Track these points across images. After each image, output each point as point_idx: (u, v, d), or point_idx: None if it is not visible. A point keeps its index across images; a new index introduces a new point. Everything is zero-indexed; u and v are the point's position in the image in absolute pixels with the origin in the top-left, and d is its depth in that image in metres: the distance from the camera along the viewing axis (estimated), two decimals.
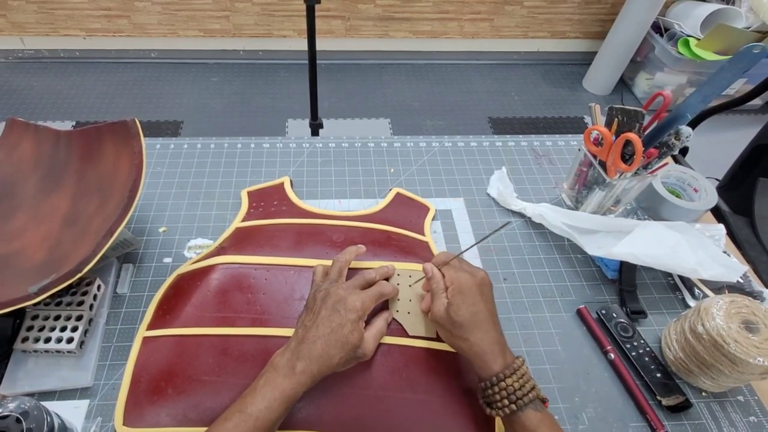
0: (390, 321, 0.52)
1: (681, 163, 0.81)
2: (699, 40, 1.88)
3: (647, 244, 0.58)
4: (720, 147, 1.58)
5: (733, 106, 1.18)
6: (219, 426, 0.41)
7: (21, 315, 0.53)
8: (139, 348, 0.53)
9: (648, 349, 0.56)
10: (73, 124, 1.90)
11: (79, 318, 0.53)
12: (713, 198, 0.67)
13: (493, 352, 0.44)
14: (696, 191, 0.69)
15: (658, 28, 2.04)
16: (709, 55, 1.86)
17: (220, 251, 0.61)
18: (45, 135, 0.65)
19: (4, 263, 0.55)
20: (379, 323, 0.50)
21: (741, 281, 0.62)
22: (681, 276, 0.64)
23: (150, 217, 0.68)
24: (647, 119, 0.60)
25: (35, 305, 0.51)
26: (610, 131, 0.61)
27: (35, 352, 0.52)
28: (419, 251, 0.62)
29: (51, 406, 0.44)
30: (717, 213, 0.95)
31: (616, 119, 0.61)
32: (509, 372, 0.43)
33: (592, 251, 0.61)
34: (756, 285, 0.62)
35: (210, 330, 0.53)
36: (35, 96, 2.02)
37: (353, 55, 2.29)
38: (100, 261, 0.50)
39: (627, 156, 0.60)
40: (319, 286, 0.51)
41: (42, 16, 2.03)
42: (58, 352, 0.52)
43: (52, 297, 0.52)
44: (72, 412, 0.50)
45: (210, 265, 0.58)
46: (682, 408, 0.52)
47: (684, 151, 1.18)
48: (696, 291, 0.62)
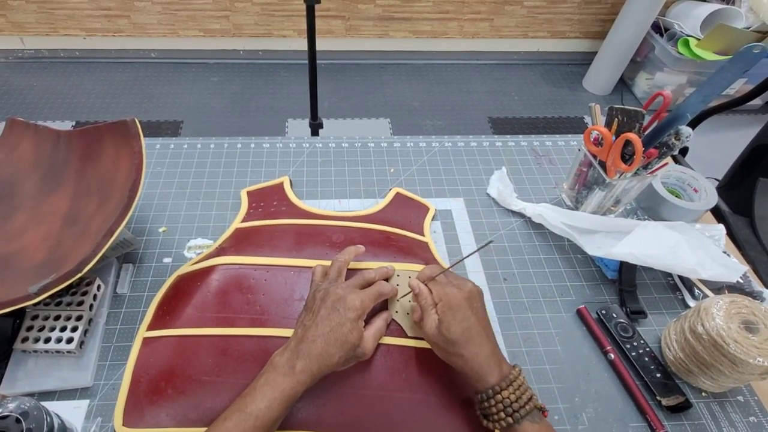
0: (389, 321, 0.53)
1: (681, 163, 0.81)
2: (699, 40, 1.88)
3: (647, 244, 0.58)
4: (720, 147, 1.58)
5: (733, 106, 1.18)
6: (219, 425, 0.41)
7: (21, 315, 0.53)
8: (139, 348, 0.53)
9: (648, 350, 0.56)
10: (73, 124, 1.90)
11: (79, 318, 0.53)
12: (713, 198, 0.67)
13: (489, 364, 0.44)
14: (696, 191, 0.69)
15: (658, 28, 2.04)
16: (709, 55, 1.86)
17: (220, 252, 0.61)
18: (45, 135, 0.65)
19: (4, 263, 0.55)
20: (379, 323, 0.50)
21: (741, 281, 0.62)
22: (681, 276, 0.64)
23: (150, 217, 0.68)
24: (647, 119, 0.60)
25: (35, 305, 0.51)
26: (610, 131, 0.61)
27: (35, 352, 0.52)
28: (418, 252, 0.62)
29: (51, 406, 0.44)
30: (717, 213, 0.95)
31: (616, 119, 0.61)
32: (505, 384, 0.43)
33: (591, 251, 0.61)
34: (756, 285, 0.62)
35: (210, 330, 0.53)
36: (35, 96, 2.02)
37: (353, 55, 2.29)
38: (100, 261, 0.50)
39: (627, 156, 0.60)
40: (319, 285, 0.51)
41: (42, 15, 2.03)
42: (57, 352, 0.52)
43: (52, 297, 0.52)
44: (72, 412, 0.49)
45: (210, 266, 0.58)
46: (681, 408, 0.52)
47: (684, 151, 1.18)
48: (696, 291, 0.62)
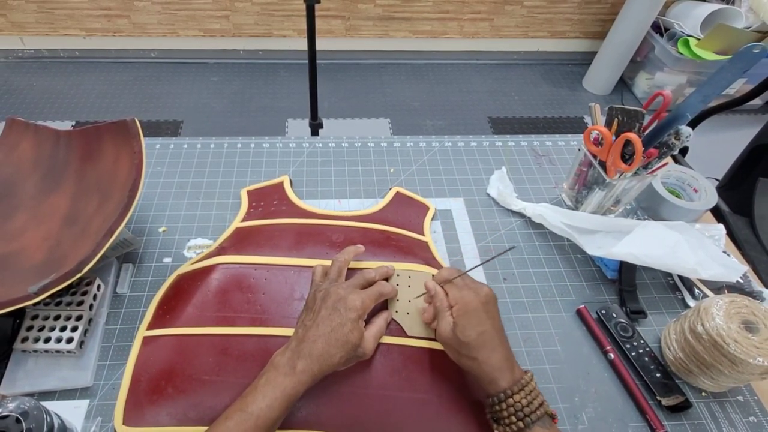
0: (389, 321, 0.53)
1: (681, 163, 0.81)
2: (699, 40, 1.88)
3: (647, 244, 0.58)
4: (720, 147, 1.58)
5: (733, 106, 1.18)
6: (220, 425, 0.41)
7: (21, 315, 0.53)
8: (139, 348, 0.53)
9: (648, 349, 0.56)
10: (73, 123, 1.90)
11: (79, 318, 0.53)
12: (713, 198, 0.67)
13: (501, 369, 0.44)
14: (696, 191, 0.69)
15: (658, 27, 2.04)
16: (709, 55, 1.86)
17: (220, 251, 0.61)
18: (45, 135, 0.65)
19: (3, 263, 0.55)
20: (379, 322, 0.50)
21: (741, 281, 0.62)
22: (681, 276, 0.64)
23: (150, 217, 0.68)
24: (647, 119, 0.60)
25: (35, 305, 0.51)
26: (610, 131, 0.61)
27: (35, 352, 0.52)
28: (418, 251, 0.62)
29: (51, 406, 0.44)
30: (717, 213, 0.95)
31: (616, 119, 0.61)
32: (517, 388, 0.42)
33: (591, 251, 0.61)
34: (756, 285, 0.62)
35: (210, 329, 0.53)
36: (35, 96, 2.02)
37: (353, 55, 2.29)
38: (99, 261, 0.50)
39: (627, 156, 0.60)
40: (319, 285, 0.51)
41: (42, 15, 2.03)
42: (57, 352, 0.51)
43: (51, 297, 0.52)
44: (72, 412, 0.49)
45: (210, 265, 0.58)
46: (681, 408, 0.52)
47: (684, 151, 1.18)
48: (696, 291, 0.62)
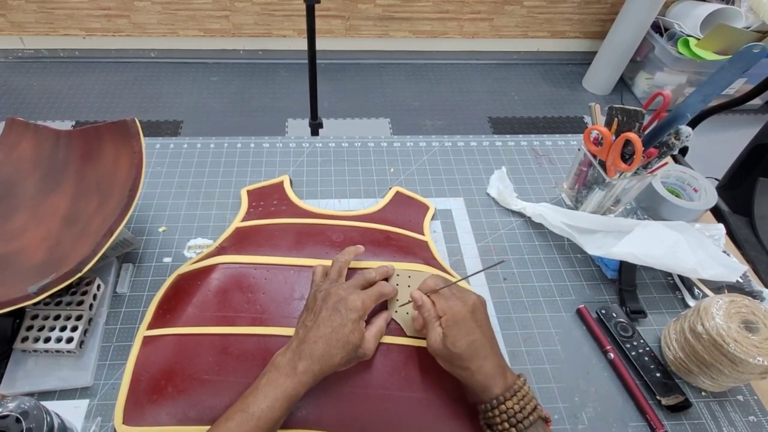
0: (389, 321, 0.53)
1: (681, 163, 0.81)
2: (699, 39, 1.88)
3: (647, 243, 0.58)
4: (720, 147, 1.58)
5: (733, 105, 1.17)
6: (221, 425, 0.41)
7: (21, 315, 0.53)
8: (140, 347, 0.53)
9: (647, 349, 0.56)
10: (73, 123, 1.90)
11: (79, 318, 0.53)
12: (713, 198, 0.67)
13: (494, 376, 0.44)
14: (696, 191, 0.69)
15: (657, 27, 2.04)
16: (709, 55, 1.86)
17: (220, 251, 0.61)
18: (45, 135, 0.65)
19: (3, 263, 0.55)
20: (380, 323, 0.51)
21: (740, 281, 0.62)
22: (681, 276, 0.64)
23: (150, 217, 0.68)
24: (647, 119, 0.60)
25: (35, 305, 0.51)
26: (609, 131, 0.61)
27: (35, 351, 0.52)
28: (418, 251, 0.62)
29: (51, 405, 0.44)
30: (717, 213, 0.95)
31: (615, 119, 0.61)
32: (509, 394, 0.43)
33: (591, 251, 0.61)
34: (755, 285, 0.62)
35: (210, 329, 0.53)
36: (35, 95, 2.02)
37: (353, 55, 2.29)
38: (99, 261, 0.50)
39: (627, 156, 0.60)
40: (319, 286, 0.51)
41: (41, 15, 2.03)
42: (57, 351, 0.51)
43: (51, 297, 0.52)
44: (72, 411, 0.49)
45: (210, 265, 0.58)
46: (681, 408, 0.52)
47: (684, 151, 1.18)
48: (696, 291, 0.62)
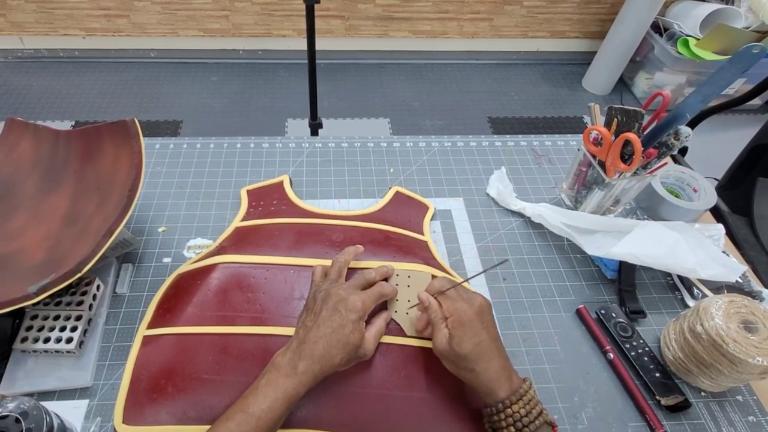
0: (389, 321, 0.53)
1: (680, 163, 0.81)
2: (698, 39, 1.88)
3: (646, 243, 0.58)
4: (719, 147, 1.58)
5: (733, 106, 1.17)
6: (221, 425, 0.41)
7: (20, 315, 0.53)
8: (140, 347, 0.53)
9: (647, 349, 0.56)
10: (73, 123, 1.90)
11: (79, 318, 0.53)
12: (712, 198, 0.67)
13: (499, 379, 0.43)
14: (695, 191, 0.69)
15: (657, 27, 2.04)
16: (709, 55, 1.86)
17: (219, 250, 0.61)
18: (44, 135, 0.65)
19: (3, 263, 0.55)
20: (379, 323, 0.51)
21: (740, 281, 0.62)
22: (680, 276, 0.64)
23: (149, 217, 0.68)
24: (646, 119, 0.60)
25: (35, 305, 0.51)
26: (609, 131, 0.61)
27: (35, 352, 0.52)
28: (418, 251, 0.62)
29: (50, 406, 0.44)
30: (716, 213, 0.95)
31: (615, 119, 0.61)
32: (515, 398, 0.42)
33: (591, 251, 0.61)
34: (755, 285, 0.62)
35: (210, 329, 0.53)
36: (34, 95, 2.02)
37: (353, 55, 2.29)
38: (99, 261, 0.50)
39: (626, 156, 0.60)
40: (319, 286, 0.51)
41: (41, 15, 2.03)
42: (57, 352, 0.51)
43: (51, 297, 0.52)
44: (71, 412, 0.49)
45: (210, 265, 0.58)
46: (681, 408, 0.52)
47: (683, 151, 1.18)
48: (695, 291, 0.62)
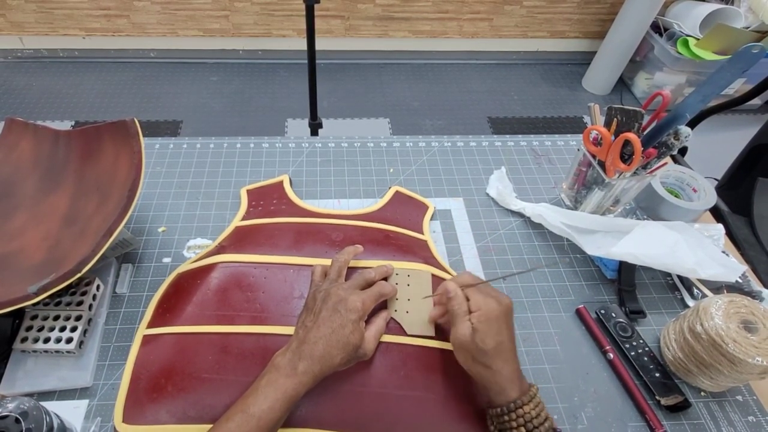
0: (389, 320, 0.53)
1: (680, 163, 0.81)
2: (698, 39, 1.88)
3: (646, 243, 0.58)
4: (719, 147, 1.58)
5: (732, 105, 1.17)
6: (221, 426, 0.41)
7: (20, 315, 0.53)
8: (139, 346, 0.53)
9: (647, 349, 0.56)
10: (73, 123, 1.90)
11: (79, 318, 0.53)
12: (712, 198, 0.67)
13: (512, 380, 0.44)
14: (695, 191, 0.69)
15: (657, 27, 2.04)
16: (709, 55, 1.86)
17: (219, 250, 0.61)
18: (44, 135, 0.65)
19: (3, 263, 0.55)
20: (379, 322, 0.51)
21: (740, 281, 0.62)
22: (680, 276, 0.64)
23: (149, 217, 0.68)
24: (646, 119, 0.60)
25: (34, 305, 0.51)
26: (609, 131, 0.61)
27: (34, 352, 0.52)
28: (417, 250, 0.62)
29: (50, 406, 0.44)
30: (716, 213, 0.95)
31: (615, 119, 0.61)
32: (527, 399, 0.43)
33: (591, 251, 0.61)
34: (755, 285, 0.62)
35: (210, 328, 0.53)
36: (34, 95, 2.02)
37: (352, 55, 2.29)
38: (99, 261, 0.50)
39: (626, 156, 0.60)
40: (319, 286, 0.51)
41: (41, 15, 2.02)
42: (57, 352, 0.51)
43: (51, 297, 0.52)
44: (71, 412, 0.49)
45: (210, 264, 0.58)
46: (680, 408, 0.52)
47: (683, 151, 1.18)
48: (695, 291, 0.62)
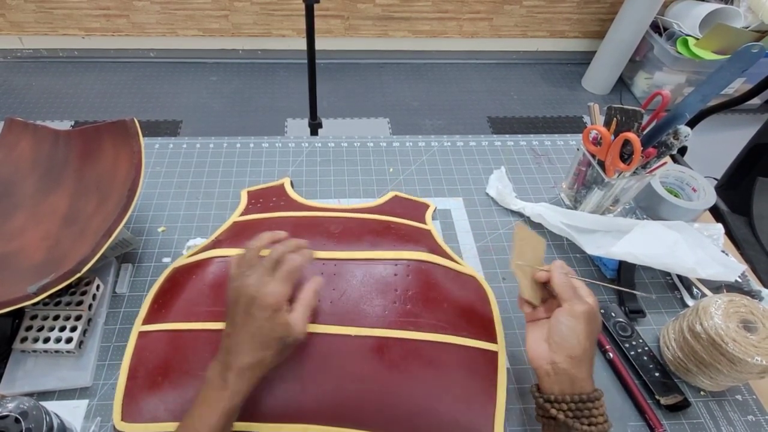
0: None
1: (680, 163, 0.81)
2: (698, 39, 1.88)
3: (646, 243, 0.58)
4: (718, 146, 1.58)
5: (732, 105, 1.18)
6: None
7: (20, 315, 0.53)
8: (135, 342, 0.53)
9: (646, 349, 0.56)
10: (72, 123, 1.90)
11: (78, 318, 0.53)
12: (712, 197, 0.67)
13: (589, 376, 0.44)
14: (694, 191, 0.69)
15: (657, 27, 2.04)
16: (708, 55, 1.86)
17: (215, 244, 0.60)
18: (44, 134, 0.65)
19: (3, 263, 0.55)
20: (306, 298, 0.46)
21: (739, 280, 0.62)
22: (679, 275, 0.64)
23: (149, 217, 0.68)
24: (646, 119, 0.60)
25: (34, 305, 0.51)
26: (608, 131, 0.61)
27: (34, 352, 0.52)
28: (421, 239, 0.61)
29: (50, 406, 0.44)
30: (715, 212, 0.96)
31: (614, 119, 0.61)
32: (599, 394, 0.43)
33: (591, 251, 0.61)
34: (754, 284, 0.62)
35: (205, 324, 0.52)
36: (34, 95, 2.02)
37: (352, 55, 2.29)
38: (99, 261, 0.50)
39: (626, 155, 0.60)
40: (232, 282, 0.46)
41: (41, 15, 2.02)
42: (57, 352, 0.51)
43: (51, 297, 0.52)
44: (71, 411, 0.49)
45: (205, 258, 0.57)
46: (680, 407, 0.52)
47: (683, 151, 1.18)
48: (694, 290, 0.62)
